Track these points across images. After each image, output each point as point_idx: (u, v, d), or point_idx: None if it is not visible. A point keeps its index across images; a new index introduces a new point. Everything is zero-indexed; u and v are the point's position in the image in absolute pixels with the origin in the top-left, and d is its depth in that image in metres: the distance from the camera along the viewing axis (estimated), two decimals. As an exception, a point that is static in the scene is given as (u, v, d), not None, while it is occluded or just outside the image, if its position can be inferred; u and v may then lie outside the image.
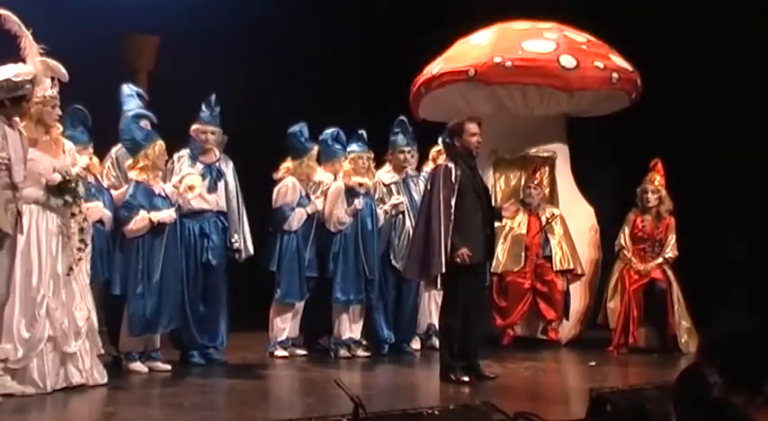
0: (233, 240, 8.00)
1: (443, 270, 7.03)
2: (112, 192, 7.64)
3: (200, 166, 7.97)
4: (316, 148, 8.56)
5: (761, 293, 9.37)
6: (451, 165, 7.23)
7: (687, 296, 9.20)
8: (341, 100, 11.58)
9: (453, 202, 7.10)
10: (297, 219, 8.40)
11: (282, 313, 8.46)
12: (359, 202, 8.51)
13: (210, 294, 7.96)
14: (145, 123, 7.65)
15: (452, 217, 7.07)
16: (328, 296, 8.53)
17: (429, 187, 7.32)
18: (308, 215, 8.45)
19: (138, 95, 8.20)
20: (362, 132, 8.73)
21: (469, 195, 7.21)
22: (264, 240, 8.43)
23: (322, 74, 11.75)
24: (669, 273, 9.27)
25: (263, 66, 11.60)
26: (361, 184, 8.55)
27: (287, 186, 8.44)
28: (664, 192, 9.37)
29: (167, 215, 7.48)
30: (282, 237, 8.39)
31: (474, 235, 7.18)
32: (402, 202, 8.86)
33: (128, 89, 8.17)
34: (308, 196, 8.52)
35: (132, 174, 7.58)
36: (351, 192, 8.57)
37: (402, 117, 9.10)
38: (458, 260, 7.03)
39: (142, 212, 7.41)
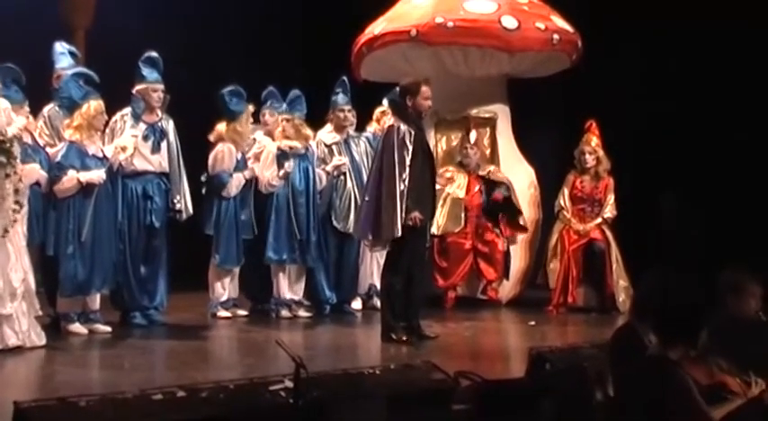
0: (175, 201, 7.94)
1: (398, 234, 7.05)
2: (48, 150, 7.52)
3: (143, 127, 7.86)
4: (248, 110, 8.47)
5: (691, 251, 9.53)
6: (404, 126, 7.22)
7: (625, 255, 9.33)
8: (283, 59, 11.49)
9: (408, 165, 7.10)
10: (235, 185, 8.37)
11: (222, 277, 8.46)
12: (288, 166, 8.47)
13: (151, 255, 7.91)
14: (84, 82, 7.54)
15: (406, 180, 7.08)
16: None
17: (381, 148, 7.30)
18: (246, 180, 8.42)
19: (71, 53, 8.10)
20: (295, 92, 8.67)
21: (419, 157, 7.23)
22: (201, 201, 8.38)
23: (264, 32, 11.63)
24: (608, 233, 9.37)
25: (205, 23, 11.44)
26: (291, 148, 8.51)
27: (223, 152, 8.39)
28: (601, 153, 9.45)
29: (96, 175, 7.38)
30: (220, 203, 8.36)
31: (423, 197, 7.22)
32: (344, 163, 8.84)
33: (60, 47, 8.08)
34: (244, 160, 8.48)
35: (66, 134, 7.47)
36: (282, 155, 8.53)
37: (344, 77, 9.07)
38: (410, 223, 7.05)
39: (71, 172, 7.31)
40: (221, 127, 8.43)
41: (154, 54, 7.92)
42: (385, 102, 9.06)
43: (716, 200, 10.01)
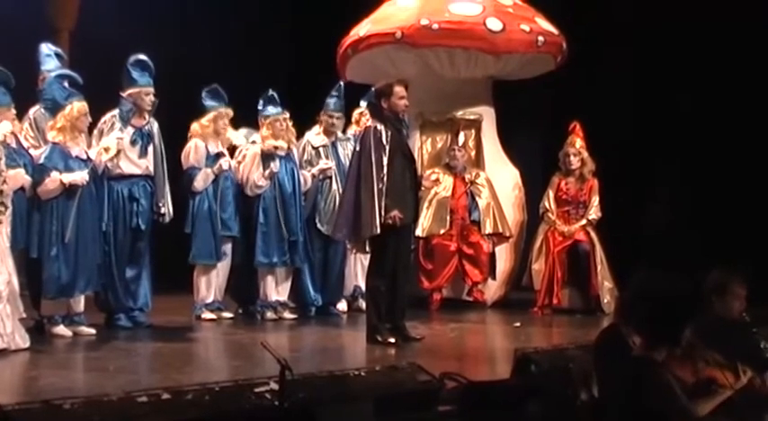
0: (160, 204, 7.92)
1: (377, 232, 7.05)
2: (32, 152, 7.49)
3: (130, 130, 7.82)
4: (220, 110, 8.46)
5: (677, 252, 9.55)
6: (381, 126, 7.23)
7: (610, 257, 9.35)
8: (271, 60, 11.48)
9: (385, 164, 7.11)
10: (201, 178, 8.34)
11: (206, 278, 8.45)
12: (274, 166, 8.46)
13: (136, 257, 7.90)
14: (67, 83, 7.52)
15: (384, 179, 7.08)
16: (253, 260, 8.52)
17: (359, 149, 7.30)
18: (215, 175, 8.39)
19: (57, 55, 8.08)
20: (274, 94, 8.65)
21: (398, 157, 7.23)
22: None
23: (252, 33, 11.62)
24: (592, 234, 9.40)
25: (191, 25, 11.43)
26: (276, 148, 8.50)
27: (190, 148, 8.41)
28: (585, 154, 9.48)
29: (79, 177, 7.35)
30: (194, 199, 8.36)
31: (403, 197, 7.22)
32: (330, 168, 8.83)
33: (46, 49, 8.05)
34: (218, 156, 8.45)
35: (50, 135, 7.44)
36: (268, 156, 8.52)
37: (341, 82, 9.12)
38: (389, 222, 7.06)
39: (54, 174, 7.28)
40: (195, 123, 8.45)
41: (143, 57, 7.88)
42: (363, 103, 9.08)
43: (701, 201, 10.04)
